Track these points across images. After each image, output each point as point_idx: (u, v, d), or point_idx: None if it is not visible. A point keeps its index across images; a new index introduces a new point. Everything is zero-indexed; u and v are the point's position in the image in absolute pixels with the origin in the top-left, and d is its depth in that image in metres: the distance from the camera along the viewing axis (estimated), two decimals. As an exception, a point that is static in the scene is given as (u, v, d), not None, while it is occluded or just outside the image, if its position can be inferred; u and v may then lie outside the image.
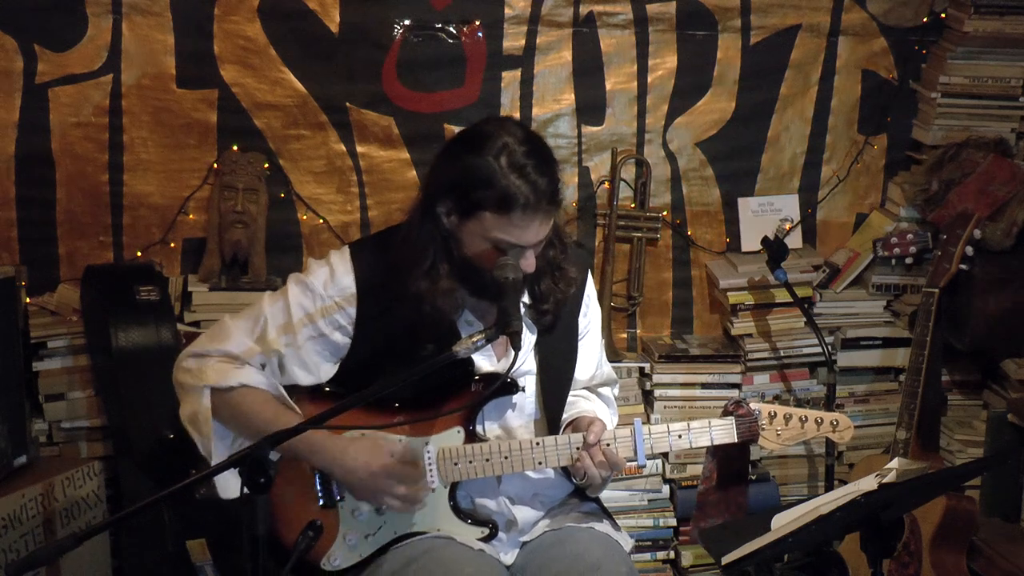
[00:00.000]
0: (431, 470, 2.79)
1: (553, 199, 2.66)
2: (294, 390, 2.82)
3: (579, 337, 2.96)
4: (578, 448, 2.78)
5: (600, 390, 3.08)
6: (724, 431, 2.85)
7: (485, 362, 2.83)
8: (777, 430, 2.88)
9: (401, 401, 2.80)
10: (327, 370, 2.83)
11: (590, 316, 2.98)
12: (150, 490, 3.53)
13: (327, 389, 2.83)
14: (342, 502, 2.81)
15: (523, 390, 2.84)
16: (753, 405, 2.88)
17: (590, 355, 3.00)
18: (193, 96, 3.94)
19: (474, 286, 2.73)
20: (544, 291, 2.81)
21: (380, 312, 2.76)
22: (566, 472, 2.89)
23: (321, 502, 2.81)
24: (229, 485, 2.77)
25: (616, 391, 3.16)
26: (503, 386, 2.78)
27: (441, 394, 2.79)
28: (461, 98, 4.07)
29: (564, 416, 2.93)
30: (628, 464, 2.83)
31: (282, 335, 2.78)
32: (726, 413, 2.90)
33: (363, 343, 2.78)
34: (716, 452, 3.46)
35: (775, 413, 2.88)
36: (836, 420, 2.93)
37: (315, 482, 2.81)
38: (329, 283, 2.77)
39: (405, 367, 2.67)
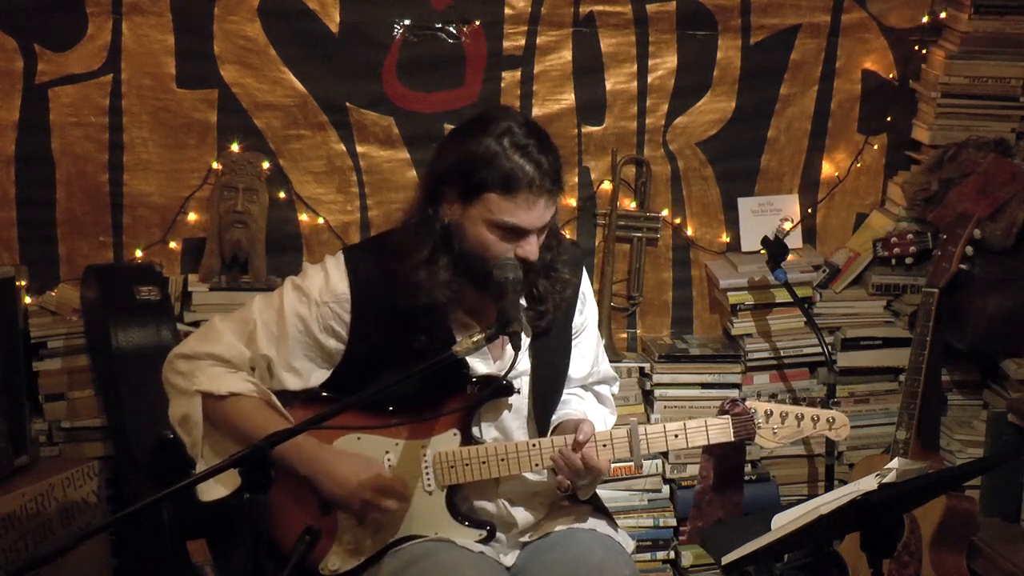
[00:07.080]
0: (427, 474, 2.79)
1: (556, 180, 2.67)
2: (285, 397, 2.80)
3: (574, 335, 2.95)
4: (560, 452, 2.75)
5: (598, 388, 3.07)
6: (720, 430, 2.85)
7: (481, 364, 2.81)
8: (773, 428, 2.88)
9: (396, 404, 2.78)
10: (318, 376, 2.81)
11: (586, 314, 2.97)
12: (150, 490, 3.52)
13: (323, 395, 2.82)
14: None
15: (519, 392, 2.84)
16: (749, 404, 2.88)
17: (586, 353, 2.99)
18: (193, 96, 3.94)
19: (475, 281, 2.71)
20: (542, 292, 2.80)
21: (375, 317, 2.74)
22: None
23: (319, 507, 2.80)
24: (210, 487, 2.75)
25: (615, 389, 3.14)
26: (499, 388, 2.77)
27: (436, 397, 2.78)
28: (461, 98, 4.07)
29: (553, 418, 2.92)
30: (627, 464, 2.83)
31: (273, 340, 2.77)
32: (722, 412, 2.89)
33: (357, 348, 2.77)
34: (712, 451, 3.46)
35: (771, 411, 2.88)
36: (832, 417, 2.93)
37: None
38: (324, 288, 2.76)
39: (400, 373, 2.65)
